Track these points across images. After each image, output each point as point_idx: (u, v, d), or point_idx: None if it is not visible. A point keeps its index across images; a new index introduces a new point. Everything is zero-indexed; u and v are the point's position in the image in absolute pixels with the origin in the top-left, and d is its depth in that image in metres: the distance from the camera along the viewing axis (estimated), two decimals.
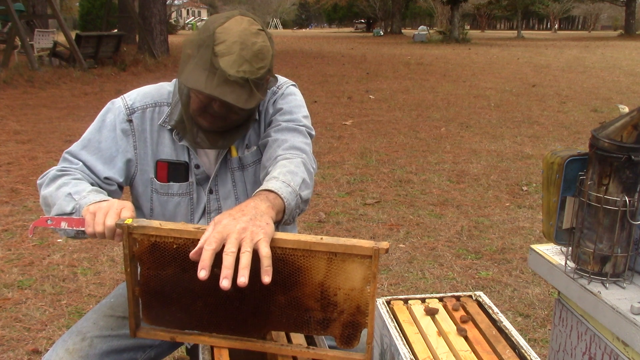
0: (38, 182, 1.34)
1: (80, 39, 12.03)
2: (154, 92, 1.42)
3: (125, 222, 1.08)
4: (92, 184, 1.32)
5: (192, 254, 1.00)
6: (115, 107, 1.39)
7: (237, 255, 0.98)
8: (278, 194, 1.14)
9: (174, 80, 1.44)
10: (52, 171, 1.33)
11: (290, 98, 1.43)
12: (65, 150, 1.38)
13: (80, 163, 1.35)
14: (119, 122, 1.38)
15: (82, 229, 1.15)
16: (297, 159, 1.29)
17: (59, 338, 1.33)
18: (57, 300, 2.75)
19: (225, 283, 0.96)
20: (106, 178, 1.36)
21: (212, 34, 1.21)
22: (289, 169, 1.23)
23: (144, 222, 1.08)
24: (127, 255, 1.10)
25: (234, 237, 0.99)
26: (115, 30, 16.25)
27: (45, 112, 7.62)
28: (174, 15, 53.92)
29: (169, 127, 1.39)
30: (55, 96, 8.97)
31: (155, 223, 1.08)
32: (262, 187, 1.17)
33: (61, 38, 12.61)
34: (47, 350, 2.24)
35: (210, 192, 1.43)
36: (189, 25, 61.10)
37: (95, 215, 1.12)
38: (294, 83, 1.49)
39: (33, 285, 2.89)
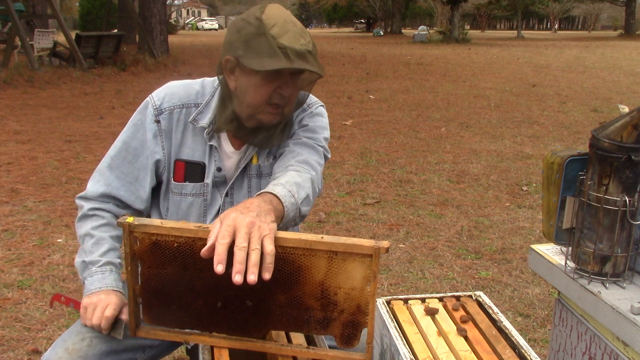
0: (77, 202, 1.54)
1: (80, 39, 12.03)
2: (182, 93, 1.43)
3: (127, 220, 1.08)
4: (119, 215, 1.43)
5: (203, 251, 1.00)
6: (145, 109, 1.42)
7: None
8: (281, 201, 1.15)
9: (202, 79, 1.46)
10: (85, 206, 1.50)
11: (317, 118, 1.46)
12: (98, 168, 1.49)
13: (110, 201, 1.47)
14: (148, 124, 1.40)
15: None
16: (307, 174, 1.30)
17: (59, 337, 1.33)
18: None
19: (238, 278, 0.97)
20: (136, 198, 1.43)
21: (260, 22, 1.24)
22: (296, 181, 1.25)
23: (144, 220, 1.08)
24: (128, 254, 1.10)
25: (244, 230, 1.00)
26: (115, 30, 16.25)
27: (45, 112, 7.62)
28: (174, 15, 53.90)
29: (201, 125, 1.39)
30: (55, 96, 8.97)
31: (156, 222, 1.08)
32: (267, 189, 1.18)
33: (61, 38, 12.61)
34: (47, 350, 2.24)
35: (227, 195, 1.43)
36: (189, 25, 61.10)
37: (86, 309, 1.28)
38: (323, 104, 1.52)
39: (33, 285, 2.89)
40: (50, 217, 3.81)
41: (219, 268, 0.97)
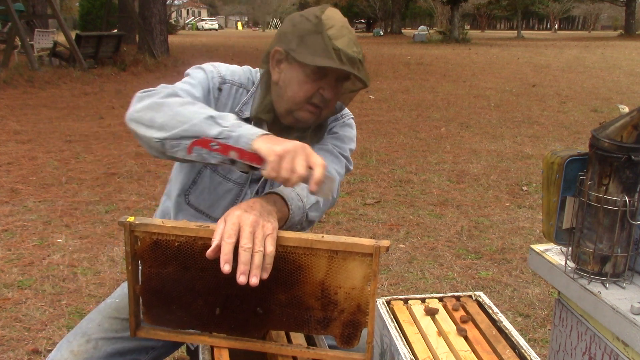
0: (138, 94, 1.20)
1: (80, 39, 12.03)
2: (241, 73, 1.41)
3: (128, 219, 1.08)
4: None
5: (209, 252, 0.99)
6: (208, 71, 1.36)
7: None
8: (287, 203, 1.15)
9: (248, 68, 1.44)
10: (162, 89, 1.21)
11: (347, 129, 1.47)
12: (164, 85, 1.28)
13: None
14: (212, 86, 1.35)
15: (257, 166, 1.02)
16: None
17: (63, 338, 1.33)
18: (57, 300, 2.75)
19: (242, 279, 0.97)
20: None
21: (319, 21, 1.25)
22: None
23: (146, 219, 1.08)
24: (129, 253, 1.10)
25: (248, 230, 0.99)
26: (115, 30, 16.25)
27: (45, 112, 7.62)
28: (174, 15, 53.90)
29: (246, 116, 1.36)
30: (55, 96, 8.97)
31: (157, 221, 1.08)
32: (274, 190, 1.18)
33: (61, 38, 12.61)
34: (48, 350, 2.24)
35: (257, 193, 1.42)
36: (189, 25, 61.10)
37: (282, 158, 1.00)
38: (353, 117, 1.52)
39: (33, 285, 2.89)
40: (50, 217, 3.81)
41: (226, 268, 0.97)
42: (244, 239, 0.99)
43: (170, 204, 1.47)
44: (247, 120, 1.36)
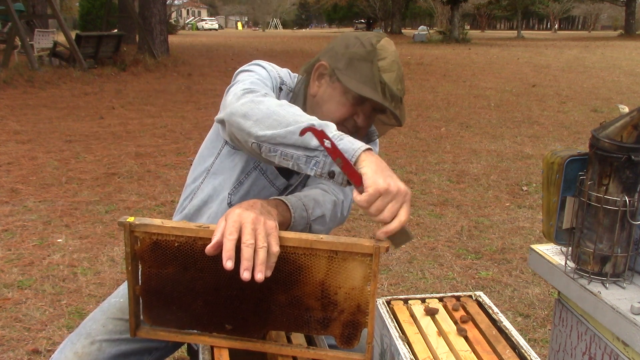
0: (232, 93, 1.17)
1: (80, 39, 12.03)
2: (287, 77, 1.38)
3: (128, 220, 1.08)
4: None
5: (209, 247, 0.99)
6: (269, 69, 1.33)
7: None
8: (290, 210, 1.15)
9: (288, 71, 1.41)
10: (258, 92, 1.17)
11: (372, 146, 1.46)
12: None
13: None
14: (274, 83, 1.32)
15: (354, 185, 0.97)
16: (332, 196, 1.29)
17: (66, 339, 1.33)
18: (57, 300, 2.75)
19: (246, 275, 0.97)
20: None
21: (373, 49, 1.24)
22: (316, 198, 1.24)
23: (145, 220, 1.08)
24: (129, 254, 1.10)
25: (250, 227, 0.99)
26: (115, 30, 16.25)
27: (45, 112, 7.62)
28: (174, 15, 53.91)
29: None
30: (55, 96, 8.97)
31: (157, 221, 1.08)
32: (280, 197, 1.18)
33: (61, 38, 12.61)
34: (48, 350, 2.24)
35: None
36: (189, 25, 61.11)
37: (380, 196, 0.96)
38: (378, 134, 1.49)
39: (33, 285, 2.89)
40: (50, 217, 3.81)
41: (229, 264, 0.97)
42: (246, 235, 0.99)
43: (213, 201, 1.39)
44: None
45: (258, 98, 1.12)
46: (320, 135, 0.98)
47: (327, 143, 0.97)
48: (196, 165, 1.44)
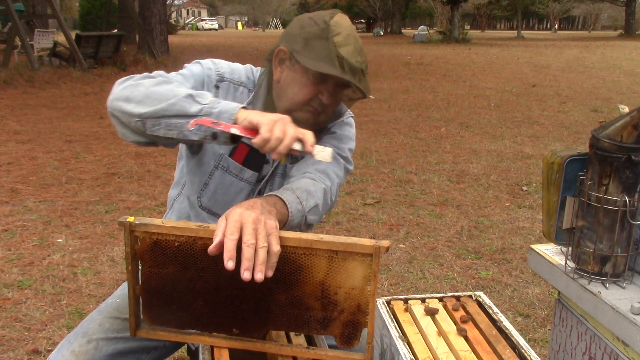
0: (117, 81, 1.25)
1: (80, 39, 12.03)
2: (241, 72, 1.42)
3: (127, 219, 1.08)
4: None
5: (211, 247, 0.99)
6: (206, 67, 1.37)
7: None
8: (286, 205, 1.15)
9: (250, 67, 1.45)
10: (137, 75, 1.25)
11: (346, 128, 1.46)
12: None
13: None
14: (209, 82, 1.36)
15: (249, 137, 1.07)
16: (321, 184, 1.30)
17: (64, 339, 1.33)
18: (57, 300, 2.75)
19: (247, 275, 0.97)
20: None
21: (327, 26, 1.25)
22: (308, 189, 1.24)
23: (145, 219, 1.08)
24: (129, 254, 1.10)
25: (251, 226, 0.99)
26: (115, 30, 16.24)
27: (45, 112, 7.62)
28: (174, 15, 53.90)
29: None
30: (55, 96, 8.97)
31: (156, 221, 1.08)
32: (274, 192, 1.18)
33: (61, 38, 12.61)
34: (48, 350, 2.24)
35: (259, 192, 1.42)
36: (189, 25, 61.10)
37: (275, 124, 1.05)
38: (353, 115, 1.51)
39: (33, 285, 2.89)
40: (50, 217, 3.81)
41: (230, 264, 0.97)
42: (247, 235, 0.99)
43: (186, 206, 1.47)
44: None
45: (136, 82, 1.20)
46: (208, 122, 1.07)
47: (215, 124, 1.07)
48: (176, 176, 1.54)
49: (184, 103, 1.11)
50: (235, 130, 1.07)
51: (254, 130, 1.07)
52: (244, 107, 1.11)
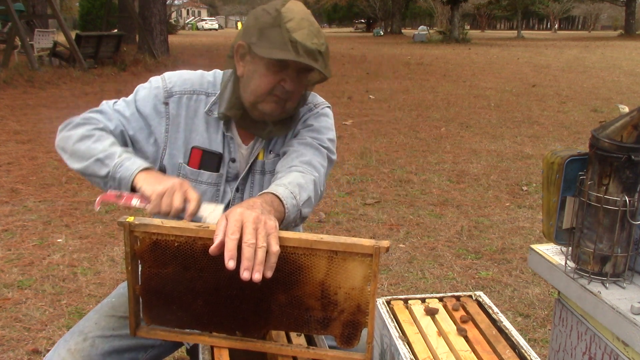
0: (59, 128, 1.37)
1: (80, 39, 12.03)
2: (194, 80, 1.45)
3: (127, 219, 1.08)
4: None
5: (213, 247, 0.99)
6: (154, 86, 1.42)
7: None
8: (282, 202, 1.16)
9: (214, 71, 1.48)
10: (76, 119, 1.37)
11: (323, 119, 1.47)
12: (105, 102, 1.43)
13: (118, 122, 1.38)
14: (156, 102, 1.40)
15: (143, 204, 1.18)
16: (310, 176, 1.31)
17: (61, 338, 1.33)
18: (57, 300, 2.75)
19: (246, 274, 0.97)
20: (133, 137, 1.40)
21: (278, 14, 1.27)
22: (299, 182, 1.25)
23: (145, 220, 1.09)
24: (129, 254, 1.10)
25: (251, 226, 1.00)
26: (115, 30, 16.24)
27: (45, 112, 7.62)
28: (174, 15, 53.90)
29: (216, 116, 1.40)
30: (55, 96, 8.97)
31: (156, 221, 1.08)
32: (269, 190, 1.18)
33: (61, 38, 12.61)
34: (48, 350, 2.24)
35: (237, 190, 1.44)
36: (189, 25, 61.09)
37: (162, 196, 1.15)
38: (329, 105, 1.52)
39: (33, 285, 2.89)
40: (50, 217, 3.81)
41: (231, 264, 0.97)
42: (248, 234, 0.99)
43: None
44: (219, 119, 1.40)
45: (69, 132, 1.34)
46: (110, 197, 1.20)
47: (119, 198, 1.20)
48: None
49: (95, 167, 1.26)
50: (135, 202, 1.18)
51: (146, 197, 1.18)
52: (145, 169, 1.21)
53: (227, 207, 1.44)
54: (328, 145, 1.44)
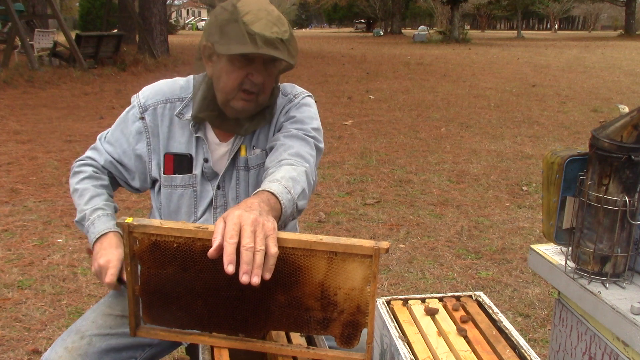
0: (71, 167, 1.50)
1: (80, 39, 12.03)
2: (165, 89, 1.46)
3: (126, 220, 1.08)
4: (108, 180, 1.49)
5: (211, 251, 0.99)
6: (130, 107, 1.47)
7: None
8: (278, 199, 1.15)
9: (189, 76, 1.50)
10: (77, 163, 1.49)
11: (304, 109, 1.46)
12: (99, 135, 1.53)
13: (106, 154, 1.47)
14: (134, 121, 1.44)
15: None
16: (301, 167, 1.30)
17: (58, 337, 1.33)
18: (57, 300, 2.75)
19: (245, 278, 0.96)
20: (122, 165, 1.48)
21: (235, 9, 1.27)
22: (291, 175, 1.24)
23: (144, 220, 1.08)
24: (128, 254, 1.10)
25: (249, 229, 0.99)
26: (115, 30, 16.25)
27: (45, 112, 7.62)
28: (174, 15, 53.91)
29: (187, 118, 1.42)
30: (55, 96, 8.97)
31: (155, 222, 1.08)
32: (264, 187, 1.18)
33: (61, 38, 12.61)
34: (47, 350, 2.24)
35: (219, 187, 1.44)
36: (189, 25, 61.10)
37: (100, 271, 1.26)
38: (310, 94, 1.52)
39: (33, 285, 2.89)
40: (50, 217, 3.81)
41: (230, 268, 0.96)
42: (246, 238, 0.98)
43: None
44: (189, 121, 1.42)
45: (73, 186, 1.46)
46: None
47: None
48: None
49: (77, 225, 1.43)
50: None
51: None
52: (100, 237, 1.31)
53: (210, 205, 1.45)
54: (314, 134, 1.43)
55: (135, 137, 1.44)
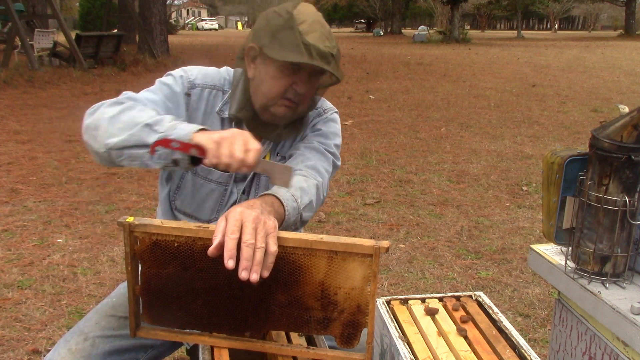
0: (88, 112, 1.24)
1: (80, 39, 12.03)
2: (214, 75, 1.44)
3: (127, 220, 1.08)
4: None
5: (212, 249, 0.99)
6: (177, 77, 1.39)
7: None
8: (283, 204, 1.15)
9: (226, 68, 1.47)
10: (108, 101, 1.25)
11: (331, 124, 1.47)
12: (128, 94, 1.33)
13: (144, 99, 1.31)
14: (179, 90, 1.37)
15: (201, 157, 1.08)
16: (313, 180, 1.31)
17: (61, 338, 1.33)
18: (57, 300, 2.75)
19: (245, 274, 0.97)
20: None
21: (290, 16, 1.26)
22: (301, 186, 1.25)
23: (145, 220, 1.09)
24: (128, 254, 1.10)
25: (251, 226, 1.00)
26: (115, 30, 16.25)
27: (45, 112, 7.62)
28: (174, 15, 53.90)
29: (227, 116, 1.39)
30: (55, 96, 8.97)
31: (156, 221, 1.08)
32: (270, 191, 1.18)
33: (61, 38, 12.61)
34: (48, 350, 2.24)
35: (243, 192, 1.43)
36: (189, 25, 61.09)
37: (220, 145, 1.06)
38: (337, 111, 1.52)
39: (33, 285, 2.89)
40: (50, 217, 3.81)
41: (230, 263, 0.97)
42: (247, 234, 0.99)
43: (160, 212, 1.51)
44: (230, 119, 1.39)
45: (104, 109, 1.20)
46: (166, 143, 1.09)
47: (174, 144, 1.09)
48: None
49: (141, 133, 1.12)
50: (194, 152, 1.08)
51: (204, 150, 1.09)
52: (202, 129, 1.10)
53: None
54: (334, 150, 1.44)
55: (178, 108, 1.35)
